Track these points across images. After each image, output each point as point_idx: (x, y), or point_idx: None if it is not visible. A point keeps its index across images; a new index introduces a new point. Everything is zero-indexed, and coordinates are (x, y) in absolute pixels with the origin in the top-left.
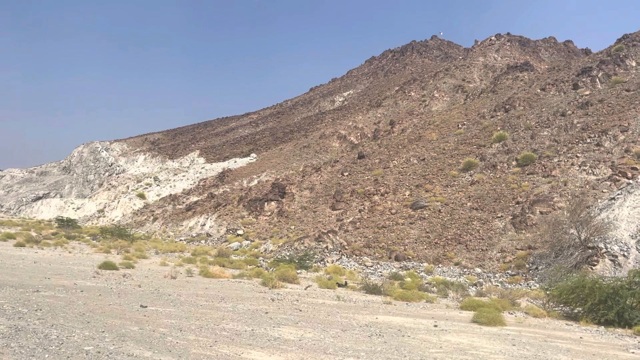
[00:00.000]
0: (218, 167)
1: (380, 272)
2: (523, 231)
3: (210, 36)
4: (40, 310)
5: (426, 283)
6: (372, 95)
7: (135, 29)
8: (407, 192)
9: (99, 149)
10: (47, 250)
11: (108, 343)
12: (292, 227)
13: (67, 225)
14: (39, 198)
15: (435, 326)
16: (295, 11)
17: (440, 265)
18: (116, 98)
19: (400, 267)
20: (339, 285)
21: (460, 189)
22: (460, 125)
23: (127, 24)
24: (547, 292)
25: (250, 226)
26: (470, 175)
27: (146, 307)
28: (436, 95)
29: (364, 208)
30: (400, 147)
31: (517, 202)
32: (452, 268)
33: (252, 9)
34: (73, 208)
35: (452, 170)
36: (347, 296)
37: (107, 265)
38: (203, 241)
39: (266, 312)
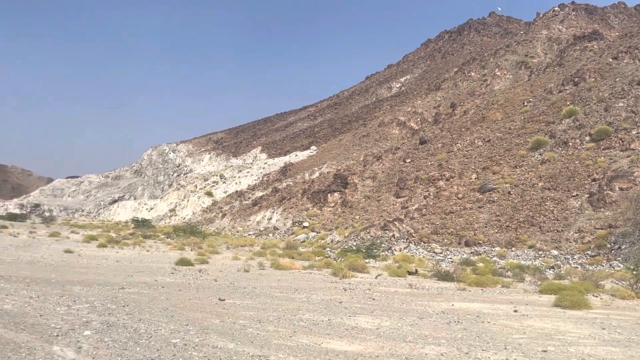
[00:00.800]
0: (280, 161)
1: (450, 258)
2: (602, 209)
3: (263, 33)
4: (128, 306)
5: (500, 268)
6: (430, 78)
7: (192, 32)
8: (474, 176)
9: (167, 151)
10: (127, 250)
11: (193, 336)
12: (357, 216)
13: (142, 225)
14: (115, 201)
15: (516, 311)
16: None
17: (513, 249)
18: (180, 99)
19: (471, 253)
20: (410, 273)
21: (530, 169)
22: (525, 103)
23: (183, 28)
24: (635, 273)
25: (315, 218)
26: (540, 154)
27: (224, 300)
28: (498, 73)
29: (429, 194)
30: (463, 129)
31: (594, 180)
32: (526, 251)
33: (298, 5)
34: (146, 209)
35: (520, 150)
36: (419, 284)
37: (183, 262)
38: (271, 234)
39: (340, 302)
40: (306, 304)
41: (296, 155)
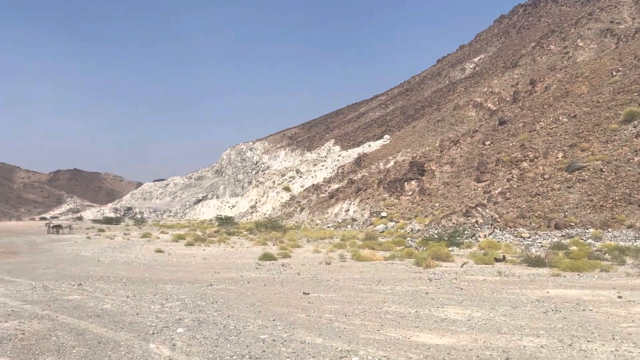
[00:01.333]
0: (353, 152)
1: (539, 242)
2: None
3: (331, 25)
4: (216, 302)
5: (596, 250)
6: (506, 56)
7: (259, 31)
8: (560, 154)
9: (244, 150)
10: (213, 247)
11: (280, 331)
12: (437, 204)
13: (225, 222)
14: (199, 200)
15: (620, 297)
16: None
17: (609, 229)
18: (254, 97)
19: (562, 236)
20: (497, 260)
21: (624, 144)
22: (614, 73)
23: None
24: None
25: (393, 207)
26: (634, 127)
27: (308, 294)
28: (580, 44)
29: (513, 177)
30: (545, 106)
31: None
32: (624, 232)
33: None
34: (228, 206)
35: (611, 124)
36: (508, 271)
37: (267, 257)
38: (349, 226)
39: (426, 293)
40: (391, 296)
41: (369, 146)
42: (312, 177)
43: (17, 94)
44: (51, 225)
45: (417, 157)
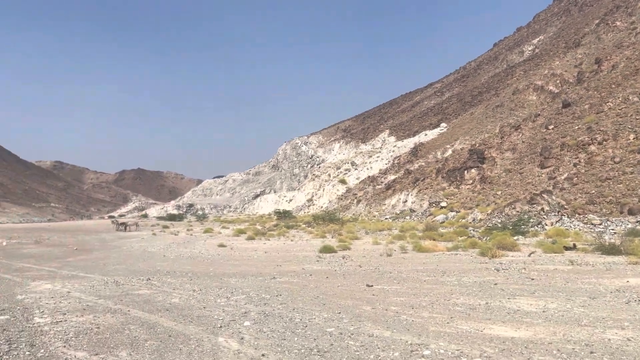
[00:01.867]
0: (409, 142)
1: (612, 229)
2: None
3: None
4: (281, 295)
5: None
6: (568, 35)
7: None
8: (632, 136)
9: (299, 144)
10: (273, 241)
11: (347, 324)
12: (499, 192)
13: (284, 216)
14: (257, 195)
15: None
16: None
17: None
18: (308, 93)
19: (638, 222)
20: (567, 248)
21: None
22: None
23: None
24: None
25: (452, 197)
26: None
27: (372, 286)
28: None
29: (580, 161)
30: (613, 86)
31: None
32: None
33: None
34: (286, 200)
35: None
36: (580, 260)
37: (327, 249)
38: (407, 217)
39: (495, 284)
40: (458, 287)
41: (426, 135)
42: (368, 168)
43: (82, 98)
44: (118, 223)
45: (477, 145)
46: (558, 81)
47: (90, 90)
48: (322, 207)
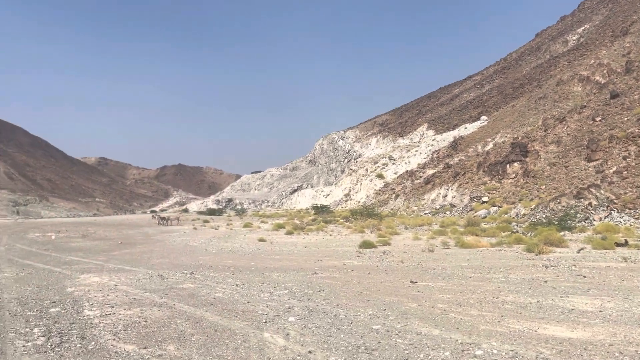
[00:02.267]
0: (448, 136)
1: None
2: None
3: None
4: (323, 291)
5: None
6: (615, 23)
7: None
8: None
9: (336, 139)
10: (312, 236)
11: (393, 321)
12: (543, 186)
13: (321, 211)
14: (294, 190)
15: None
16: None
17: None
18: (345, 87)
19: None
20: (618, 244)
21: None
22: None
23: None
24: None
25: (494, 191)
26: None
27: (416, 282)
28: None
29: (629, 154)
30: None
31: None
32: None
33: None
34: (323, 195)
35: None
36: (634, 256)
37: (367, 244)
38: (448, 212)
39: (545, 281)
40: (506, 285)
41: (465, 128)
42: (406, 163)
43: (125, 96)
44: (160, 217)
45: (519, 138)
46: (605, 71)
47: (133, 88)
48: (359, 202)
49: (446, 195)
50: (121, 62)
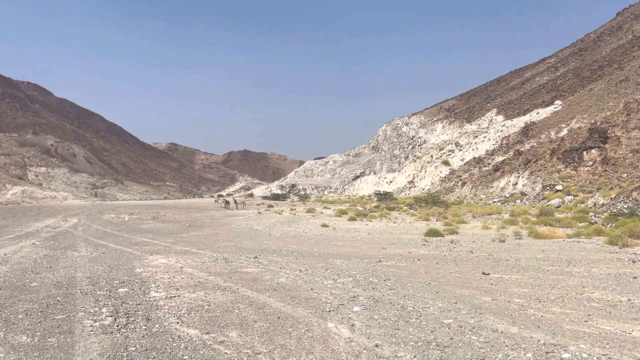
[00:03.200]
0: (519, 122)
1: None
2: None
3: None
4: (389, 280)
5: None
6: None
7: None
8: None
9: (400, 125)
10: (375, 222)
11: (465, 316)
12: (624, 174)
13: (384, 198)
14: (357, 177)
15: None
16: None
17: None
18: (411, 73)
19: None
20: None
21: None
22: None
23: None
24: None
25: (569, 180)
26: None
27: (488, 274)
28: None
29: None
30: None
31: None
32: None
33: None
34: (386, 182)
35: None
36: None
37: (433, 233)
38: (518, 201)
39: (634, 277)
40: (589, 280)
41: (538, 113)
42: (473, 149)
43: (193, 82)
44: (225, 200)
45: (597, 123)
46: None
47: (201, 74)
48: (423, 189)
49: (516, 183)
50: (194, 49)
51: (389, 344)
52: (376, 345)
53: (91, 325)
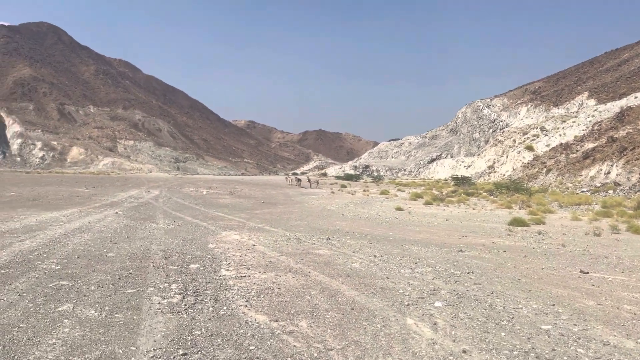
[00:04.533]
0: (614, 106)
1: None
2: None
3: None
4: (473, 273)
5: None
6: None
7: None
8: None
9: (481, 107)
10: (452, 208)
11: (566, 322)
12: None
13: (462, 182)
14: (433, 160)
15: None
16: None
17: None
18: (490, 56)
19: None
20: None
21: None
22: None
23: None
24: None
25: None
26: None
27: (587, 273)
28: None
29: None
30: None
31: None
32: None
33: None
34: (464, 166)
35: None
36: None
37: (517, 222)
38: (610, 191)
39: None
40: None
41: (636, 97)
42: (560, 135)
43: (272, 62)
44: (297, 178)
45: None
46: None
47: (279, 55)
48: (504, 175)
49: (609, 172)
50: (276, 29)
51: (478, 351)
52: (464, 351)
53: (159, 303)
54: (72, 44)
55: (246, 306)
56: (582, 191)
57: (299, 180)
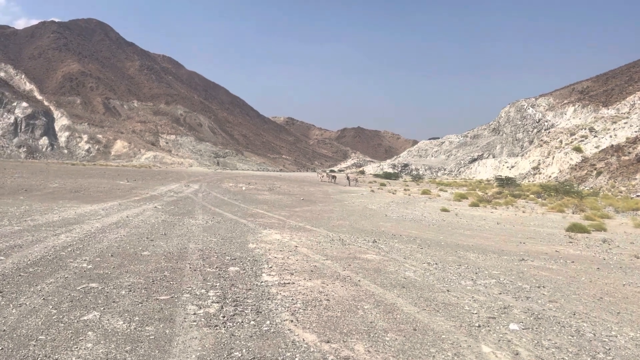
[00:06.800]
0: None
1: None
2: None
3: None
4: (544, 287)
5: None
6: None
7: None
8: None
9: (525, 107)
10: (501, 210)
11: None
12: None
13: (506, 183)
14: (474, 160)
15: None
16: None
17: None
18: (536, 55)
19: None
20: None
21: None
22: None
23: None
24: None
25: None
26: None
27: None
28: None
29: None
30: None
31: None
32: None
33: None
34: (507, 167)
35: None
36: None
37: (576, 228)
38: None
39: None
40: None
41: None
42: (611, 136)
43: (311, 60)
44: (332, 175)
45: None
46: None
47: (319, 52)
48: (550, 176)
49: None
50: (316, 24)
51: None
52: None
53: (194, 313)
54: (118, 40)
55: (292, 321)
56: (637, 195)
57: (334, 177)
